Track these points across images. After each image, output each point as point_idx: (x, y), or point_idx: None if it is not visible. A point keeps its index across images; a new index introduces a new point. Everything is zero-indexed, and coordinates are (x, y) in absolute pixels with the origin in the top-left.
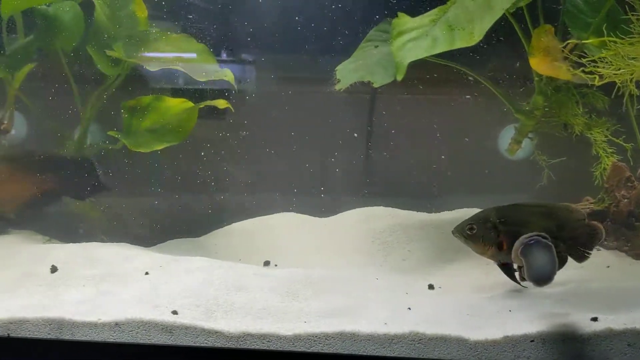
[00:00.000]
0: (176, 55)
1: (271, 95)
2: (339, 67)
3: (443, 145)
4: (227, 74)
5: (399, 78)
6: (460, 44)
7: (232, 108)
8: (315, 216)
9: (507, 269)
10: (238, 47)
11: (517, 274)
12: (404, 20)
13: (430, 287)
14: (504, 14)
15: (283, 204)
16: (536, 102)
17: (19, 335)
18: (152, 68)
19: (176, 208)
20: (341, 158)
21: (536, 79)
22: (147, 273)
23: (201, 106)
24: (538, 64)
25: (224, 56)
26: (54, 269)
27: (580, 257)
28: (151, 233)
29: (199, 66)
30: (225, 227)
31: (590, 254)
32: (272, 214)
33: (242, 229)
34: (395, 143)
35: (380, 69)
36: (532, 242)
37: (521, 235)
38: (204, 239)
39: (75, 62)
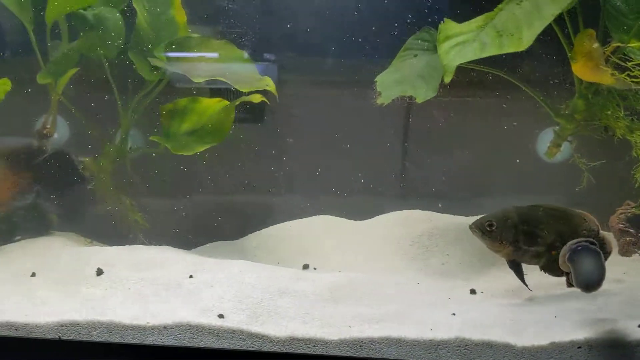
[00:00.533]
0: (218, 63)
1: (305, 97)
2: (378, 79)
3: (478, 147)
4: (268, 83)
5: (447, 80)
6: (509, 49)
7: (267, 101)
8: (351, 219)
9: (517, 268)
10: (273, 50)
11: (565, 280)
12: (451, 26)
13: (472, 291)
14: None
15: (318, 207)
16: (576, 106)
17: (70, 338)
18: (197, 80)
19: (212, 211)
20: (376, 161)
21: (576, 82)
22: (191, 276)
23: (237, 103)
24: (581, 70)
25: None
26: (99, 272)
27: None
28: (189, 236)
29: (241, 75)
30: (262, 230)
31: None
32: (308, 216)
33: (278, 231)
34: (431, 145)
35: (422, 82)
36: (579, 247)
37: (537, 236)
38: (242, 242)
39: (116, 67)
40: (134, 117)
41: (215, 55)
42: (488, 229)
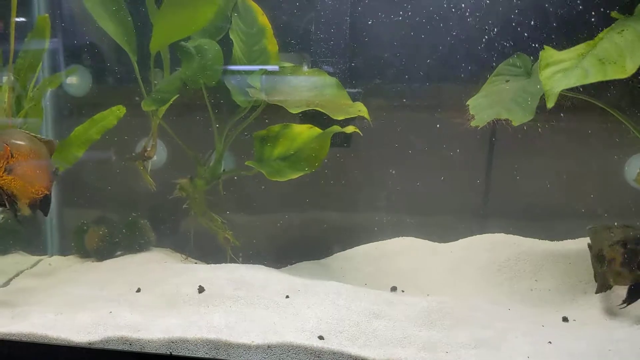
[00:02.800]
0: (311, 92)
1: (387, 119)
2: (471, 102)
3: (562, 171)
4: (361, 108)
5: (549, 106)
6: (612, 75)
7: (360, 132)
8: (433, 241)
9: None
10: (358, 73)
11: None
12: (551, 53)
13: (565, 319)
14: None
15: (401, 228)
16: None
17: (180, 354)
18: (294, 111)
19: (297, 230)
20: (458, 182)
21: None
22: (287, 297)
23: (332, 133)
24: None
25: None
26: (201, 289)
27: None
28: (277, 255)
29: (334, 103)
30: (347, 251)
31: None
32: (391, 237)
33: (363, 252)
34: (515, 168)
35: (516, 106)
36: None
37: None
38: (328, 261)
39: (213, 94)
40: (228, 142)
41: (308, 84)
42: None
